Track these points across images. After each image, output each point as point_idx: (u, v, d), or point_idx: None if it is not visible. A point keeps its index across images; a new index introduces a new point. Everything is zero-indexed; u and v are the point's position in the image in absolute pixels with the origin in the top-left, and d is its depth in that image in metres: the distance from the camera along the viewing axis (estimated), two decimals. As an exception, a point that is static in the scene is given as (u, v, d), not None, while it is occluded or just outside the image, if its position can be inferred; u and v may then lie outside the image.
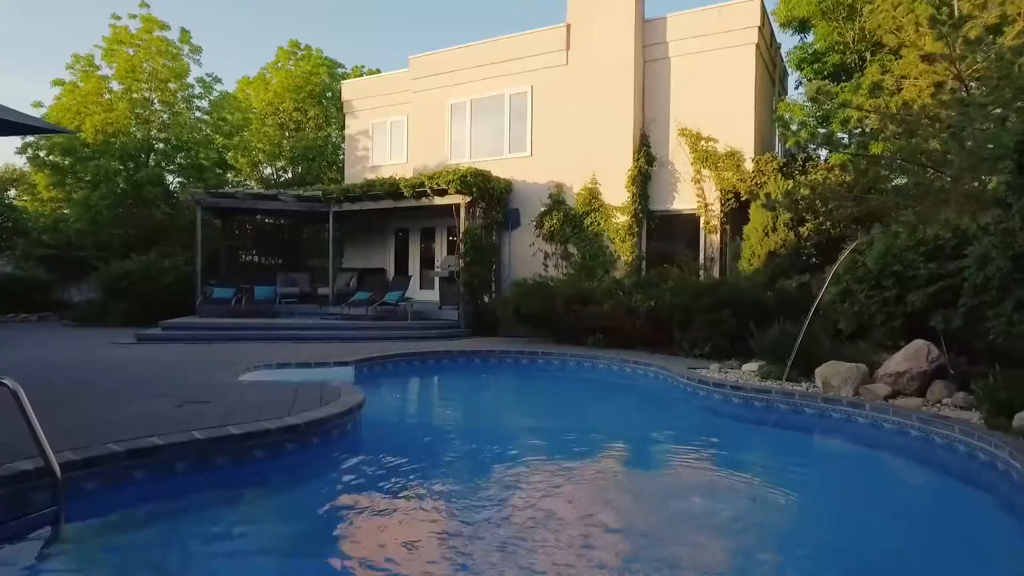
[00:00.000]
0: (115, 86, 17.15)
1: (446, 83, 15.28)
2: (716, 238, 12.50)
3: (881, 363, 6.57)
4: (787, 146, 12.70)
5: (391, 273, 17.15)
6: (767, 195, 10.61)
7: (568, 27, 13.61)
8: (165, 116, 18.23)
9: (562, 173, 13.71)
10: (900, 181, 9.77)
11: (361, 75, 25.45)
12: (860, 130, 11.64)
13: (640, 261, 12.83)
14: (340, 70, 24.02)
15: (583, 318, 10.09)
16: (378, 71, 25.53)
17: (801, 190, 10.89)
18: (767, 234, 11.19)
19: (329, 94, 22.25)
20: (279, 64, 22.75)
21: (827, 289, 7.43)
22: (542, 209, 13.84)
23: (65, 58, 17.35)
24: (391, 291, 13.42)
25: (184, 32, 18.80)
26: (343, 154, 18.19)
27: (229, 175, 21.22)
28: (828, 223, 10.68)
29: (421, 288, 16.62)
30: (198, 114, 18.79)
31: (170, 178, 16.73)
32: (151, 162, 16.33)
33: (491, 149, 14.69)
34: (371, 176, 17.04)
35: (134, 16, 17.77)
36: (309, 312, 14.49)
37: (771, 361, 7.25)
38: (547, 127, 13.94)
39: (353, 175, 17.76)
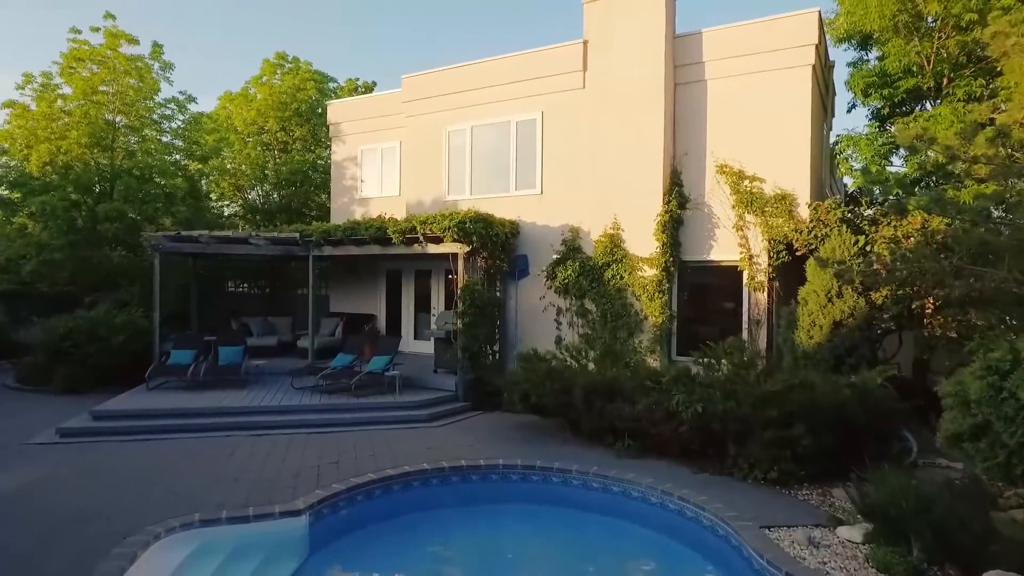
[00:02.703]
0: (75, 107, 15.21)
1: (443, 107, 13.30)
2: (762, 297, 10.46)
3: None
4: (849, 187, 10.65)
5: (382, 319, 15.19)
6: (837, 263, 8.54)
7: (585, 44, 11.59)
8: (133, 140, 16.32)
9: (578, 215, 11.69)
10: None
11: (355, 88, 23.58)
12: (945, 173, 9.57)
13: (671, 323, 10.78)
14: (331, 84, 22.09)
15: (609, 416, 8.07)
16: (374, 84, 23.71)
17: (877, 247, 8.86)
18: (830, 300, 9.11)
19: (320, 110, 20.30)
20: (263, 79, 20.84)
21: (945, 421, 5.40)
22: (554, 257, 11.83)
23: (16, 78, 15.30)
24: (378, 354, 11.43)
25: (156, 46, 16.89)
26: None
27: (210, 200, 19.31)
28: (912, 288, 8.61)
29: (416, 338, 14.65)
30: (169, 137, 16.87)
31: (137, 211, 14.73)
32: (114, 195, 14.40)
33: (495, 185, 12.69)
34: (360, 211, 15.16)
35: (97, 29, 15.89)
36: (285, 371, 12.54)
37: (883, 533, 5.20)
38: (560, 160, 11.93)
39: (340, 209, 15.82)
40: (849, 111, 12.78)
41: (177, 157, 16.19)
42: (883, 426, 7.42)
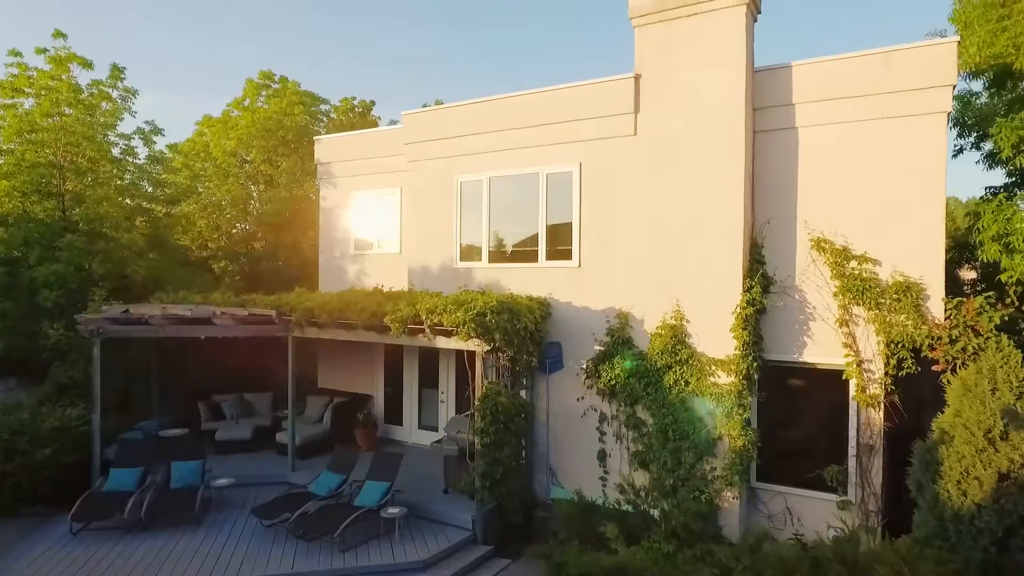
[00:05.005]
0: (9, 149, 12.70)
1: (454, 151, 10.79)
2: (877, 416, 7.93)
3: None
4: (1006, 280, 8.10)
5: (379, 399, 12.69)
6: (994, 388, 6.05)
7: (637, 79, 9.06)
8: (88, 181, 13.83)
9: (626, 297, 9.18)
10: None
11: (351, 108, 21.07)
12: None
13: (753, 447, 8.24)
14: (323, 106, 19.56)
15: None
16: (372, 104, 21.21)
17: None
18: (991, 442, 6.60)
19: (306, 139, 17.79)
20: (246, 101, 18.34)
21: None
22: (597, 349, 9.31)
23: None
24: (374, 476, 8.94)
25: (115, 70, 14.41)
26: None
27: (182, 244, 16.80)
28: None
29: (421, 426, 12.15)
30: (131, 178, 14.37)
31: (77, 280, 12.14)
32: (58, 255, 11.91)
33: (519, 253, 10.19)
34: (352, 269, 12.68)
35: (42, 51, 13.39)
36: (257, 483, 10.09)
37: None
38: (603, 225, 9.42)
39: (329, 266, 13.32)
40: (980, 162, 10.20)
41: (140, 202, 13.65)
42: None
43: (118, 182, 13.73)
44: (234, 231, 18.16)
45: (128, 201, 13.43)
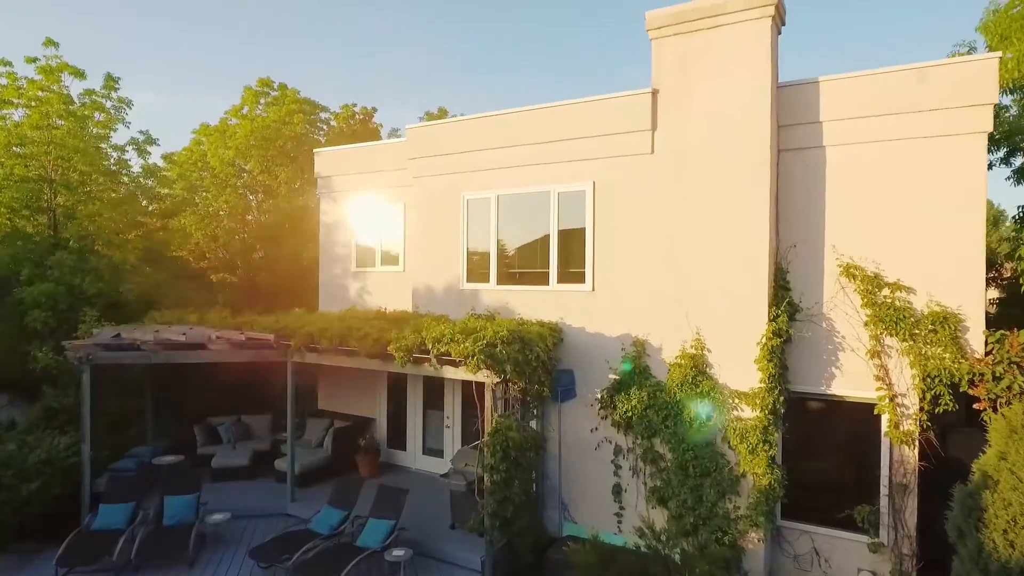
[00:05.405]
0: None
1: (460, 167, 10.34)
2: (912, 454, 7.48)
3: None
4: None
5: (381, 421, 12.24)
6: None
7: (654, 95, 8.60)
8: (86, 192, 13.37)
9: (643, 323, 8.72)
10: None
11: (352, 115, 20.61)
12: None
13: (780, 486, 7.77)
14: (323, 114, 19.09)
15: None
16: (374, 111, 20.74)
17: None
18: (1042, 487, 6.17)
19: (308, 146, 17.32)
20: (244, 109, 17.87)
21: None
22: (612, 378, 8.86)
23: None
24: (375, 516, 8.48)
25: (109, 79, 13.96)
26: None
27: (179, 255, 16.33)
28: None
29: (425, 451, 11.70)
30: (126, 188, 13.91)
31: (67, 301, 11.64)
32: (48, 273, 11.45)
33: (528, 275, 9.73)
34: (354, 286, 12.22)
35: (33, 60, 12.93)
36: (253, 513, 9.66)
37: None
38: (618, 248, 8.97)
39: (329, 283, 12.88)
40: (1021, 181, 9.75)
41: (134, 217, 13.15)
42: None
43: (112, 194, 13.25)
44: (232, 242, 17.69)
45: (122, 216, 12.90)
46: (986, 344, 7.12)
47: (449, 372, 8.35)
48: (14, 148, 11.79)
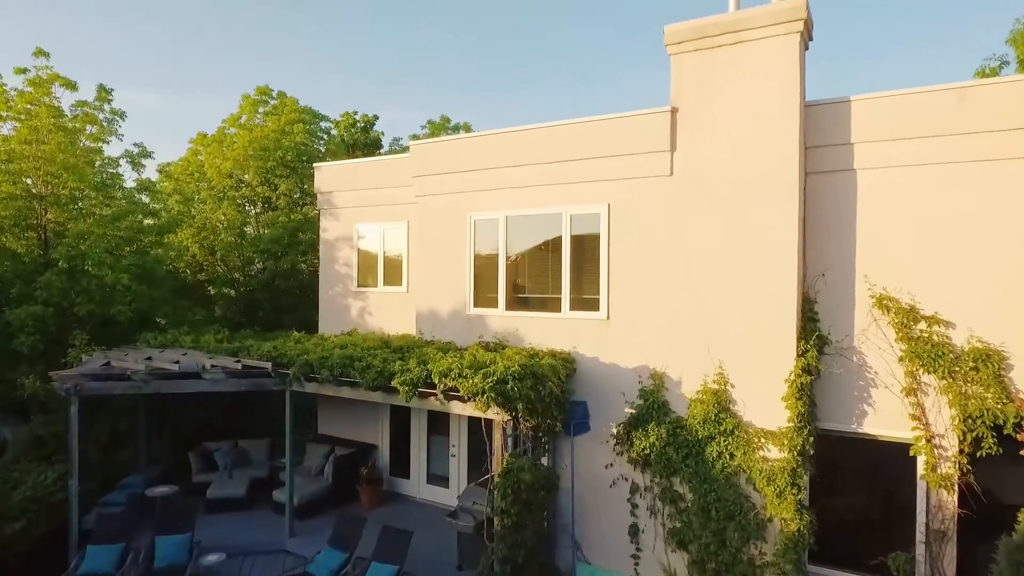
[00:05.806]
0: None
1: (466, 185, 9.88)
2: (950, 499, 7.01)
3: None
4: None
5: (384, 448, 11.77)
6: None
7: (674, 113, 8.14)
8: (77, 208, 12.90)
9: (661, 355, 8.26)
10: None
11: (353, 124, 20.17)
12: None
13: (808, 532, 7.29)
14: (323, 123, 18.62)
15: None
16: (375, 119, 20.28)
17: None
18: (1099, 544, 5.70)
19: (307, 158, 16.87)
20: (242, 118, 17.40)
21: None
22: (628, 412, 8.39)
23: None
24: (378, 560, 8.01)
25: (102, 91, 13.53)
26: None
27: (175, 270, 15.85)
28: None
29: (429, 480, 11.24)
30: (120, 202, 13.43)
31: (55, 323, 11.15)
32: (36, 295, 10.97)
33: (539, 300, 9.27)
34: (356, 306, 11.76)
35: (22, 71, 12.47)
36: (248, 547, 9.20)
37: None
38: (634, 275, 8.50)
39: (330, 302, 12.41)
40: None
41: (127, 233, 12.65)
42: None
43: (106, 210, 12.78)
44: (230, 255, 17.22)
45: (115, 232, 12.42)
46: (1033, 385, 6.66)
47: (457, 408, 7.89)
48: (1, 164, 11.30)
